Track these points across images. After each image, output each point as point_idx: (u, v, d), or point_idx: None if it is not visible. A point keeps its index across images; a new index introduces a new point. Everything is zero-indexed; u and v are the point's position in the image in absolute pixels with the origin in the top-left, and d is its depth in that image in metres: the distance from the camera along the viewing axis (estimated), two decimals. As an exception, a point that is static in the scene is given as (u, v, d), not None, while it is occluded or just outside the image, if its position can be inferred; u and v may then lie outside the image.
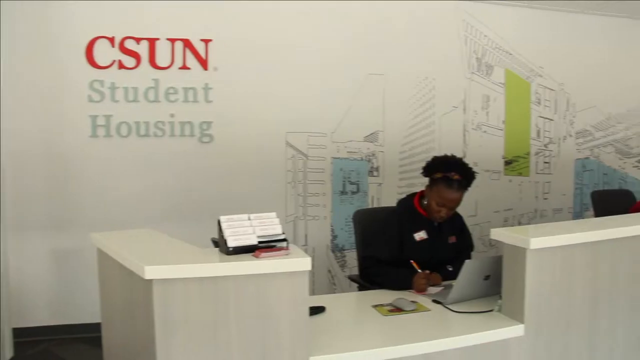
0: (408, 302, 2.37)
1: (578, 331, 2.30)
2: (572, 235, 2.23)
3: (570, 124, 6.04)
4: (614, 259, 2.38)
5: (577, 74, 6.03)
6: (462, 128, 5.46)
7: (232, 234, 1.90)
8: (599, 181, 6.21)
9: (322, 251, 4.99)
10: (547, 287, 2.18)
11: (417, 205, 2.92)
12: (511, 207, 5.73)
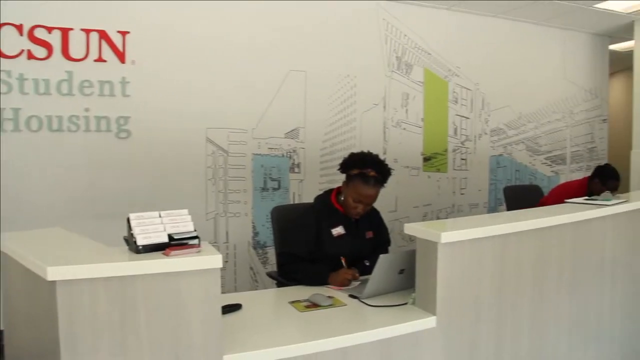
0: (324, 297, 2.38)
1: (487, 321, 2.39)
2: (480, 229, 2.31)
3: (485, 122, 6.27)
4: (520, 251, 2.49)
5: (492, 74, 6.28)
6: (382, 125, 5.56)
7: (141, 232, 1.84)
8: (512, 177, 6.49)
9: (243, 248, 4.94)
10: (457, 279, 2.24)
11: (334, 202, 2.94)
12: (430, 202, 5.88)
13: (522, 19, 6.45)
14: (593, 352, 3.11)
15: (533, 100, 6.68)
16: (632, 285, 3.52)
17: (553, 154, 6.91)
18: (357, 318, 2.27)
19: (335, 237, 2.88)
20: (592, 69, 7.28)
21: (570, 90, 7.03)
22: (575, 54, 7.11)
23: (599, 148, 7.36)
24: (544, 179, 6.75)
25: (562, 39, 6.96)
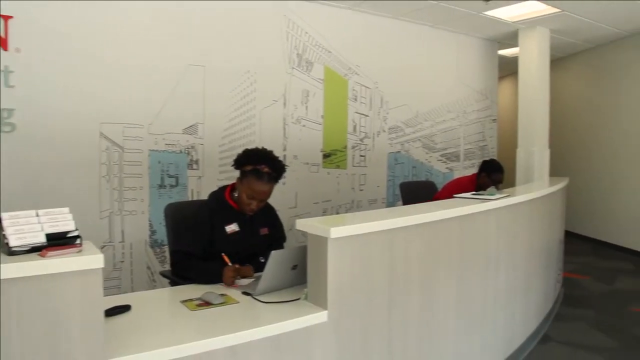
0: (217, 295, 2.35)
1: (378, 313, 2.46)
2: (370, 224, 2.37)
3: (383, 120, 6.44)
4: (408, 244, 2.58)
5: (390, 74, 6.46)
6: (282, 122, 5.57)
7: (15, 232, 1.72)
8: (409, 173, 6.72)
9: (140, 247, 4.78)
10: (348, 273, 2.29)
11: (228, 198, 2.91)
12: (330, 198, 5.97)
13: (419, 21, 6.69)
14: (478, 337, 3.29)
15: (429, 99, 6.95)
16: (513, 274, 3.77)
17: (448, 151, 7.23)
18: (249, 315, 2.26)
19: (229, 234, 2.86)
20: (483, 71, 7.68)
21: (463, 91, 7.38)
22: (467, 57, 7.48)
23: (489, 146, 7.78)
24: (440, 175, 7.04)
25: (456, 43, 7.30)
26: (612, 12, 6.45)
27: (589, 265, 7.19)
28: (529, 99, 7.17)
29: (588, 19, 6.73)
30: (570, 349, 4.22)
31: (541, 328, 4.52)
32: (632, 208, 7.76)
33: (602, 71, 8.46)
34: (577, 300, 5.56)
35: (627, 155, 7.88)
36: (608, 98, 8.30)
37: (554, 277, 5.09)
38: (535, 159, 7.03)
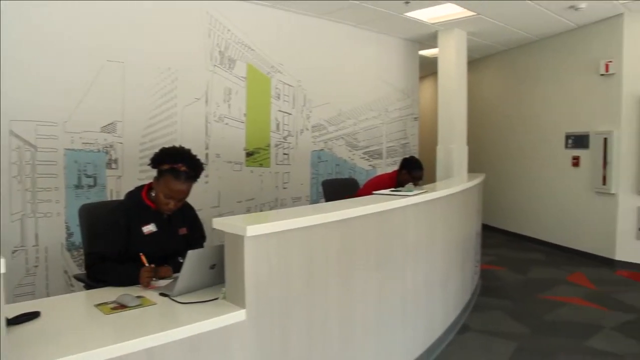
0: (132, 297, 2.30)
1: (297, 310, 2.48)
2: (287, 221, 2.38)
3: (306, 118, 6.48)
4: (327, 241, 2.62)
5: (313, 72, 6.50)
6: (204, 120, 5.50)
7: None
8: (333, 171, 6.79)
9: (56, 251, 4.60)
10: (265, 271, 2.29)
11: (145, 198, 2.85)
12: (253, 197, 5.95)
13: (342, 21, 6.77)
14: (398, 330, 3.38)
15: (352, 98, 7.05)
16: (432, 268, 3.89)
17: (370, 149, 7.36)
18: (166, 316, 2.22)
19: (146, 234, 2.80)
20: (404, 71, 7.87)
21: (385, 90, 7.53)
22: (389, 57, 7.64)
23: (411, 144, 7.98)
24: (363, 173, 7.16)
25: (378, 42, 7.44)
26: (523, 18, 6.79)
27: (505, 257, 7.52)
28: (448, 98, 7.42)
29: (501, 23, 7.05)
30: (487, 337, 4.41)
31: (460, 318, 4.69)
32: (543, 202, 8.19)
33: (514, 72, 8.87)
34: (494, 290, 5.81)
35: (537, 152, 8.31)
36: (520, 98, 8.72)
37: (472, 269, 5.29)
38: (454, 155, 7.28)
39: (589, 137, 7.20)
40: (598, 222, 7.10)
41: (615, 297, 5.56)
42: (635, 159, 6.62)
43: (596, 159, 7.02)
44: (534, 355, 4.03)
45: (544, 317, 4.91)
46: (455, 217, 4.57)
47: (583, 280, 6.24)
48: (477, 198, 5.55)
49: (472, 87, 9.57)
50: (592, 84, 7.13)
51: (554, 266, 6.95)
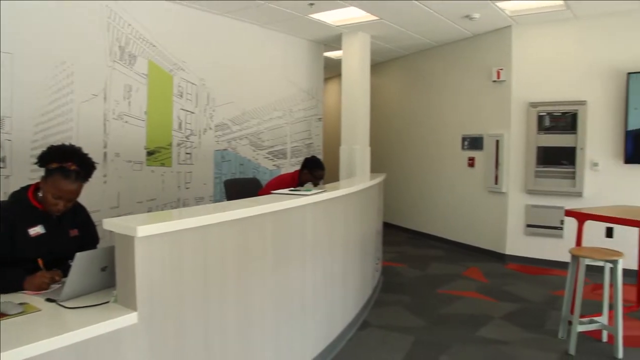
0: (14, 305, 2.17)
1: (193, 310, 2.44)
2: (181, 221, 2.34)
3: (210, 117, 6.40)
4: (223, 240, 2.60)
5: (217, 71, 6.43)
6: (102, 117, 5.29)
7: None
8: (236, 171, 6.74)
9: None
10: (158, 272, 2.24)
11: (31, 198, 2.70)
12: (154, 197, 5.80)
13: (248, 20, 6.74)
14: (298, 328, 3.41)
15: (256, 97, 7.04)
16: (331, 265, 3.96)
17: (275, 149, 7.38)
18: (52, 323, 2.12)
19: (33, 237, 2.65)
20: (309, 72, 7.95)
21: (290, 90, 7.57)
22: (295, 58, 7.69)
23: (315, 144, 8.08)
24: (267, 173, 7.17)
25: (284, 43, 7.47)
26: (423, 24, 7.06)
27: (406, 254, 7.79)
28: (352, 99, 7.57)
29: (403, 28, 7.28)
30: (386, 331, 4.55)
31: (361, 315, 4.81)
32: (442, 201, 8.55)
33: (415, 76, 9.21)
34: (395, 286, 6.00)
35: (436, 153, 8.67)
36: (420, 101, 9.06)
37: (373, 267, 5.43)
38: (357, 156, 7.44)
39: (483, 139, 7.61)
40: (491, 220, 7.52)
41: (504, 289, 5.91)
42: (523, 160, 7.07)
43: (489, 160, 7.43)
44: (430, 347, 4.20)
45: (441, 311, 5.14)
46: (355, 215, 4.68)
47: (477, 274, 6.58)
48: (377, 197, 5.70)
49: (376, 90, 9.84)
50: (486, 89, 7.54)
51: (451, 262, 7.28)
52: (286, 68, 7.55)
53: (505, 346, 4.24)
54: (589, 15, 6.59)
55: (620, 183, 6.47)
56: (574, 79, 6.74)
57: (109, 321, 2.09)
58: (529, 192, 7.03)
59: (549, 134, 6.84)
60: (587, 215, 4.68)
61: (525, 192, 7.07)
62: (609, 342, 4.30)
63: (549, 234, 6.91)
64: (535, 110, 6.91)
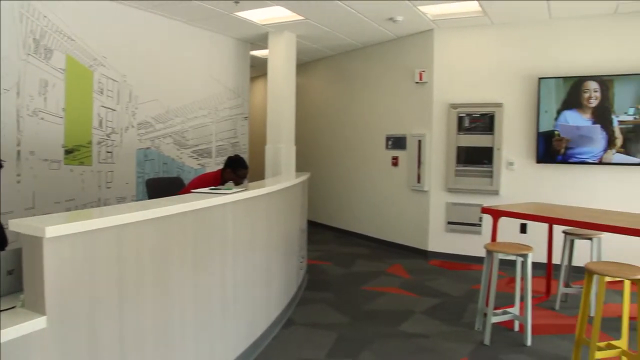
0: None
1: (107, 312, 2.37)
2: (94, 220, 2.27)
3: (132, 115, 6.24)
4: (140, 240, 2.54)
5: (140, 67, 6.28)
6: (15, 114, 5.05)
7: None
8: (160, 170, 6.61)
9: None
10: (69, 274, 2.17)
11: None
12: (73, 197, 5.60)
13: (172, 16, 6.62)
14: (219, 328, 3.39)
15: (181, 95, 6.92)
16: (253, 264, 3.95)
17: (200, 148, 7.28)
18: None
19: None
20: (235, 70, 7.89)
21: (216, 88, 7.50)
22: (221, 56, 7.62)
23: (241, 143, 8.03)
24: (192, 172, 7.06)
25: (210, 40, 7.39)
26: (348, 25, 7.16)
27: (332, 252, 7.87)
28: (277, 98, 7.57)
29: (328, 29, 7.36)
30: (310, 329, 4.59)
31: (285, 313, 4.83)
32: (368, 199, 8.70)
33: (342, 77, 9.32)
34: (320, 284, 6.05)
35: (362, 153, 8.81)
36: (346, 101, 9.19)
37: (297, 265, 5.46)
38: (282, 154, 7.46)
39: (406, 139, 7.80)
40: (414, 217, 7.72)
41: (426, 284, 6.09)
42: (443, 159, 7.31)
43: (412, 159, 7.62)
44: (352, 343, 4.27)
45: (364, 307, 5.23)
46: (278, 214, 4.69)
47: (401, 271, 6.74)
48: (301, 196, 5.74)
49: (302, 89, 9.91)
50: (409, 90, 7.73)
51: (376, 259, 7.42)
52: (212, 66, 7.46)
53: (425, 339, 4.38)
54: (504, 22, 6.89)
55: (533, 181, 6.81)
56: (492, 82, 7.04)
57: (15, 327, 2.01)
58: (449, 191, 7.28)
59: (468, 135, 7.11)
60: (501, 212, 4.90)
61: (446, 191, 7.31)
62: (520, 332, 4.53)
63: (468, 230, 7.18)
64: (455, 112, 7.16)
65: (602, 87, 6.34)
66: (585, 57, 6.54)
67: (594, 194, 6.44)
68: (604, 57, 6.45)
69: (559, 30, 6.66)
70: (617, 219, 4.40)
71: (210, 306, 3.26)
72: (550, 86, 6.60)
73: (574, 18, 6.55)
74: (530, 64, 6.80)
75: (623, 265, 3.77)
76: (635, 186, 6.33)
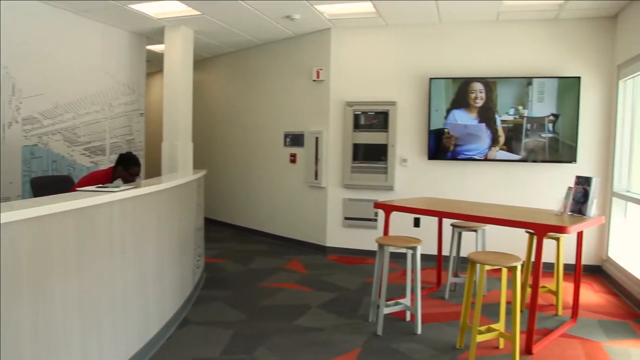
0: None
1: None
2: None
3: (16, 110, 5.91)
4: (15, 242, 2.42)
5: (25, 59, 5.95)
6: None
7: None
8: (49, 168, 6.31)
9: None
10: None
11: None
12: (-52, 197, 5.22)
13: (61, 6, 6.31)
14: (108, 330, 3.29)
15: (71, 90, 6.63)
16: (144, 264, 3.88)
17: (92, 145, 7.00)
18: None
19: None
20: (130, 65, 7.66)
21: (109, 83, 7.24)
22: (115, 49, 7.37)
23: (137, 140, 7.81)
24: (84, 169, 6.78)
25: (102, 33, 7.12)
26: (245, 22, 7.16)
27: (231, 250, 7.85)
28: (174, 94, 7.43)
29: (226, 25, 7.31)
30: (207, 328, 4.56)
31: (181, 312, 4.77)
32: (267, 196, 8.75)
33: (241, 73, 9.30)
34: (217, 282, 6.03)
35: (261, 150, 8.85)
36: (246, 98, 9.18)
37: (193, 264, 5.40)
38: (179, 152, 7.33)
39: (304, 136, 7.91)
40: (312, 214, 7.85)
41: (323, 279, 6.22)
42: (340, 156, 7.49)
43: (310, 156, 7.74)
44: (248, 340, 4.29)
45: (261, 304, 5.27)
46: (172, 212, 4.62)
47: (299, 266, 6.83)
48: (196, 193, 5.67)
49: (201, 86, 9.80)
50: (307, 88, 7.84)
51: (275, 256, 7.47)
52: (105, 60, 7.19)
53: (320, 333, 4.48)
54: (398, 24, 7.16)
55: (425, 177, 7.14)
56: (386, 81, 7.29)
57: None
58: (346, 187, 7.46)
59: (363, 132, 7.32)
60: (392, 207, 5.09)
61: (343, 187, 7.49)
62: (411, 321, 4.74)
63: (365, 225, 7.39)
64: (351, 109, 7.34)
65: (486, 88, 6.75)
66: (472, 60, 6.94)
67: (481, 188, 6.85)
68: (488, 60, 6.88)
69: (449, 33, 7.02)
70: (498, 211, 4.71)
71: (98, 307, 3.16)
72: (440, 86, 6.93)
73: (462, 23, 6.93)
74: (422, 65, 7.12)
75: (501, 255, 4.06)
76: (517, 181, 6.79)
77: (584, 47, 6.62)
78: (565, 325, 4.71)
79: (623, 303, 5.47)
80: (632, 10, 5.92)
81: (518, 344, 3.85)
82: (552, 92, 6.53)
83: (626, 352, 4.16)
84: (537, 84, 6.57)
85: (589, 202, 4.48)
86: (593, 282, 6.30)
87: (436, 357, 4.02)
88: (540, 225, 4.05)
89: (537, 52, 6.74)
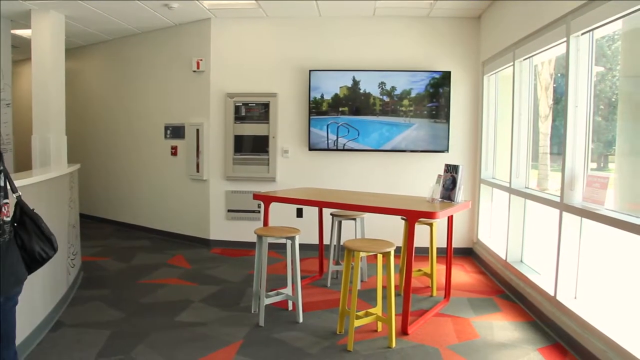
0: None
1: None
2: None
3: None
4: None
5: None
6: None
7: None
8: None
9: None
10: None
11: None
12: None
13: None
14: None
15: None
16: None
17: (-51, 139, 6.44)
18: None
19: None
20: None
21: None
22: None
23: (4, 132, 7.29)
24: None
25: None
26: (121, 9, 6.90)
27: (112, 247, 7.57)
28: (44, 84, 6.96)
29: (100, 11, 6.97)
30: (81, 329, 4.37)
31: (54, 315, 4.53)
32: (148, 191, 8.51)
33: (119, 63, 8.94)
34: (96, 281, 5.79)
35: (141, 143, 8.59)
36: (124, 89, 8.86)
37: (67, 263, 5.15)
38: (52, 145, 6.91)
39: (185, 128, 7.76)
40: (195, 207, 7.74)
41: (206, 273, 6.17)
42: (222, 148, 7.44)
43: (191, 149, 7.62)
44: (126, 339, 4.16)
45: (141, 301, 5.13)
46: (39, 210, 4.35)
47: (182, 261, 6.73)
48: (69, 189, 5.40)
49: (76, 75, 9.32)
50: (187, 79, 7.70)
51: (157, 252, 7.30)
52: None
53: (202, 327, 4.44)
54: (278, 16, 7.21)
55: (306, 168, 7.27)
56: (267, 73, 7.32)
57: None
58: (228, 179, 7.43)
59: (245, 124, 7.32)
60: (272, 197, 5.15)
61: (225, 179, 7.45)
62: (293, 310, 4.82)
63: (248, 217, 7.40)
64: (232, 101, 7.31)
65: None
66: (350, 53, 7.13)
67: (360, 178, 7.09)
68: (365, 53, 7.11)
69: (328, 26, 7.18)
70: (374, 199, 4.90)
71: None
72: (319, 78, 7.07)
73: (340, 17, 7.12)
74: (303, 57, 7.22)
75: (376, 241, 4.23)
76: (394, 169, 7.10)
77: (454, 44, 7.05)
78: (438, 305, 5.02)
79: (490, 281, 5.91)
80: (493, 12, 6.38)
81: (394, 326, 4.05)
82: (426, 85, 6.90)
83: (489, 325, 4.53)
84: (411, 76, 6.91)
85: (457, 189, 4.78)
86: (465, 263, 6.75)
87: (317, 343, 4.12)
88: (411, 212, 4.28)
89: (412, 48, 7.08)
